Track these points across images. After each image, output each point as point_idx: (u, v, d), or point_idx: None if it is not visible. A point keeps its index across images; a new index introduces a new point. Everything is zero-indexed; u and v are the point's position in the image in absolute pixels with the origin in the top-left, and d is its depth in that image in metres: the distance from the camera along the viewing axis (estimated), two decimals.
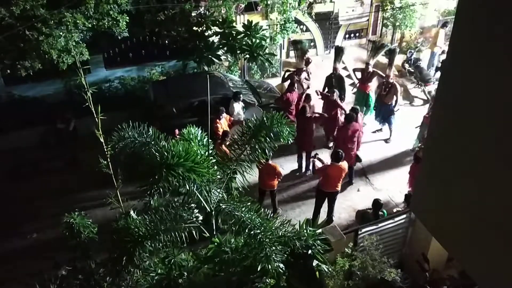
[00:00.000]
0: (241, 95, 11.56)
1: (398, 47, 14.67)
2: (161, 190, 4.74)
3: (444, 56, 13.92)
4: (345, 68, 15.03)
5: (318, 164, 9.74)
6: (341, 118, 11.63)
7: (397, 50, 13.33)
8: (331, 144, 12.21)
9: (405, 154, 12.23)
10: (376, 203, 8.89)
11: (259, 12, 14.30)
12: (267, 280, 4.90)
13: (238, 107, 11.43)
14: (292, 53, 15.29)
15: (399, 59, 15.76)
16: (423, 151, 8.56)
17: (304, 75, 13.16)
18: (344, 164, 9.52)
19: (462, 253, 4.29)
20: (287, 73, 13.12)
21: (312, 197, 10.25)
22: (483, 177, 3.73)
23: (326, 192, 9.73)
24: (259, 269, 4.65)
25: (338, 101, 11.75)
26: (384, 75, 12.43)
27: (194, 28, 12.59)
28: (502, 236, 3.63)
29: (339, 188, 9.73)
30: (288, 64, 15.07)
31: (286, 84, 12.75)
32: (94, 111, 5.17)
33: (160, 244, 4.93)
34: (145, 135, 4.96)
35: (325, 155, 10.86)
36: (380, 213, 8.87)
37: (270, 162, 9.62)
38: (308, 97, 11.83)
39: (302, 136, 10.19)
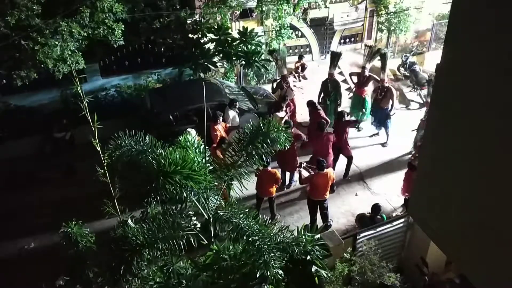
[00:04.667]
0: (237, 103, 11.57)
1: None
2: (159, 198, 4.72)
3: None
4: (341, 73, 15.07)
5: (305, 174, 9.74)
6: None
7: (388, 54, 13.38)
8: None
9: (403, 158, 12.26)
10: (375, 207, 8.89)
11: (254, 19, 14.35)
12: (266, 286, 4.88)
13: (233, 114, 11.43)
14: (288, 59, 15.37)
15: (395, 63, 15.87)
16: (419, 155, 8.58)
17: (291, 79, 13.32)
18: (330, 172, 9.54)
19: (461, 256, 4.29)
20: (275, 84, 13.23)
21: None
22: (481, 180, 3.74)
23: (316, 200, 9.73)
24: (258, 275, 4.63)
25: (322, 112, 11.72)
26: (379, 79, 12.48)
27: (190, 35, 12.62)
28: (500, 239, 3.63)
29: (327, 196, 9.71)
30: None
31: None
32: (90, 120, 5.16)
33: (158, 252, 4.90)
34: (141, 143, 4.95)
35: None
36: (379, 217, 8.87)
37: (269, 168, 9.61)
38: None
39: (283, 156, 10.20)
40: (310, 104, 11.82)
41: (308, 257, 4.89)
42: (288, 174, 11.33)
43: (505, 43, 3.22)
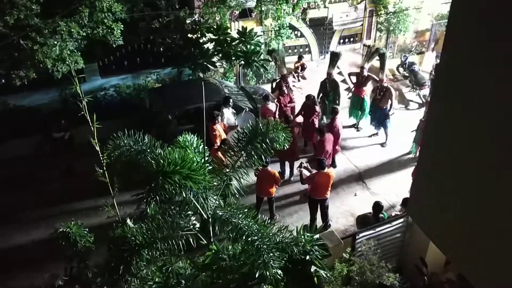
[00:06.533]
0: (231, 100, 11.54)
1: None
2: (158, 198, 4.71)
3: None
4: (340, 73, 15.07)
5: (306, 173, 9.74)
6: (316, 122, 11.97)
7: (387, 54, 13.38)
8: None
9: (402, 157, 12.27)
10: (377, 206, 8.88)
11: (253, 19, 14.35)
12: (265, 286, 4.87)
13: (228, 112, 11.40)
14: (287, 59, 15.36)
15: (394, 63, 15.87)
16: (418, 155, 8.58)
17: (291, 79, 13.39)
18: (331, 171, 9.57)
19: (460, 256, 4.29)
20: (274, 83, 13.24)
21: None
22: (481, 180, 3.73)
23: (317, 200, 9.74)
24: (257, 276, 4.62)
25: (317, 107, 11.90)
26: (378, 79, 12.49)
27: (189, 35, 12.61)
28: (500, 238, 3.63)
29: (328, 195, 9.72)
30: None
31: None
32: (89, 120, 5.16)
33: (157, 252, 4.90)
34: (140, 143, 4.95)
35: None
36: (381, 215, 8.86)
37: (268, 168, 9.60)
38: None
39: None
40: (310, 98, 11.82)
41: (307, 257, 4.88)
42: (288, 166, 11.36)
43: (504, 43, 3.22)
